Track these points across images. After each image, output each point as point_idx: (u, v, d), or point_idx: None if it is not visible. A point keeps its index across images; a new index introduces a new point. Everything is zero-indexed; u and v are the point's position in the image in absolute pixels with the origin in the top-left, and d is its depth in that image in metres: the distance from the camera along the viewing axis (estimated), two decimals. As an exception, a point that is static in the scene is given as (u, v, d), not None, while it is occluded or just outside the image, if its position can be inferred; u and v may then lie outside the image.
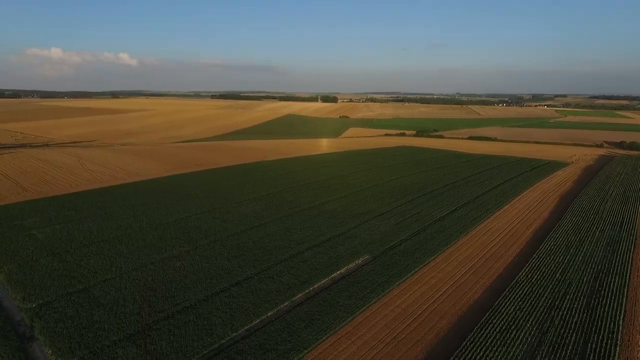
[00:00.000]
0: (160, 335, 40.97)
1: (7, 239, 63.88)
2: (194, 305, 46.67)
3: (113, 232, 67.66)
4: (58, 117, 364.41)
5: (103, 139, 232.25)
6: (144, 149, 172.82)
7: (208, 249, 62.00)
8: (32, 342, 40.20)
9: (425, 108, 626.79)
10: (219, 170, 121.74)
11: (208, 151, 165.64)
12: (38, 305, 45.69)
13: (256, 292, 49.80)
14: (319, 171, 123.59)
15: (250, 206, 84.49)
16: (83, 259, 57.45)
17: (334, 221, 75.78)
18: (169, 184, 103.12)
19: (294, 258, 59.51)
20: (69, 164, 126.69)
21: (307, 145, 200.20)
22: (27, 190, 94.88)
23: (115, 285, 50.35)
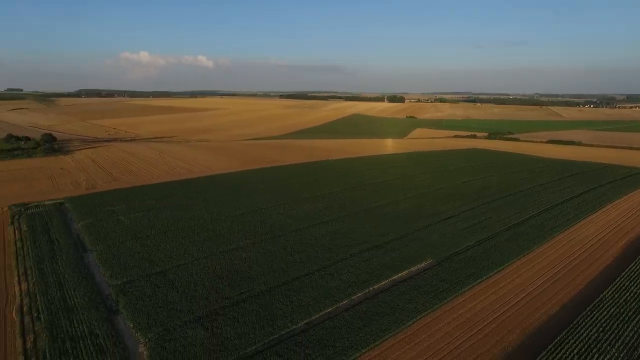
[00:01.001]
0: (226, 320, 43.31)
1: (100, 222, 71.70)
2: (257, 295, 48.66)
3: (187, 222, 72.81)
4: (144, 115, 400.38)
5: (182, 135, 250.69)
6: (217, 146, 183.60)
7: (272, 243, 64.20)
8: (117, 315, 44.78)
9: (499, 109, 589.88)
10: (284, 168, 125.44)
11: (275, 149, 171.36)
12: (123, 283, 50.72)
13: (316, 287, 50.58)
14: (383, 171, 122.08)
15: (314, 204, 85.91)
16: (161, 244, 62.63)
17: (397, 222, 74.39)
18: (238, 179, 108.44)
19: (355, 257, 59.44)
20: (151, 157, 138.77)
21: (372, 145, 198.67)
22: (116, 180, 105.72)
23: (188, 271, 54.18)
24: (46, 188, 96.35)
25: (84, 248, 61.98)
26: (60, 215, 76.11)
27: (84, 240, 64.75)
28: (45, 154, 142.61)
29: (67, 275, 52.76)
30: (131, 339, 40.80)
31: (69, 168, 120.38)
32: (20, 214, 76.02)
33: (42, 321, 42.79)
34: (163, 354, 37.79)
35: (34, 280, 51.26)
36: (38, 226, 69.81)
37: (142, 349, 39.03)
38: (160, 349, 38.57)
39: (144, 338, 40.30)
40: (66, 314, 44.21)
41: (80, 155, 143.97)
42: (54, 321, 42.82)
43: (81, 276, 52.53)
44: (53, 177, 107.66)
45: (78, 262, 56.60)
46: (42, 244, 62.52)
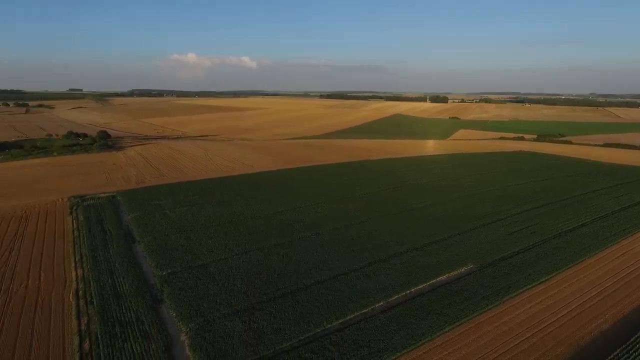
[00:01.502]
0: (263, 315, 44.25)
1: (148, 215, 75.56)
2: (293, 292, 49.29)
3: (228, 218, 75.05)
4: (190, 114, 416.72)
5: (225, 134, 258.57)
6: (258, 145, 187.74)
7: (309, 241, 64.76)
8: (161, 304, 47.03)
9: (549, 110, 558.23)
10: (324, 167, 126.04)
11: (315, 148, 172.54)
12: (167, 274, 53.18)
13: (352, 287, 50.45)
14: (425, 173, 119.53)
15: (353, 203, 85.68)
16: (203, 238, 65.00)
17: (438, 225, 72.58)
18: (278, 177, 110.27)
19: (393, 259, 58.67)
20: (197, 155, 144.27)
21: (413, 146, 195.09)
22: (163, 175, 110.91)
23: (228, 265, 55.86)
24: (101, 182, 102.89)
25: (133, 239, 65.60)
26: (113, 207, 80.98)
27: (133, 231, 68.52)
28: (100, 150, 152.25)
29: (118, 263, 56.09)
30: (174, 327, 42.70)
31: (121, 163, 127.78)
32: (78, 205, 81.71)
33: (94, 305, 45.80)
34: (203, 344, 39.24)
35: (88, 267, 54.95)
36: (93, 217, 74.71)
37: (183, 338, 40.75)
38: (201, 339, 40.08)
39: (185, 327, 42.06)
40: (116, 300, 47.02)
41: (132, 151, 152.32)
42: (105, 306, 45.70)
43: (130, 265, 55.66)
44: (107, 172, 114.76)
45: (127, 252, 60.01)
46: (96, 233, 66.87)
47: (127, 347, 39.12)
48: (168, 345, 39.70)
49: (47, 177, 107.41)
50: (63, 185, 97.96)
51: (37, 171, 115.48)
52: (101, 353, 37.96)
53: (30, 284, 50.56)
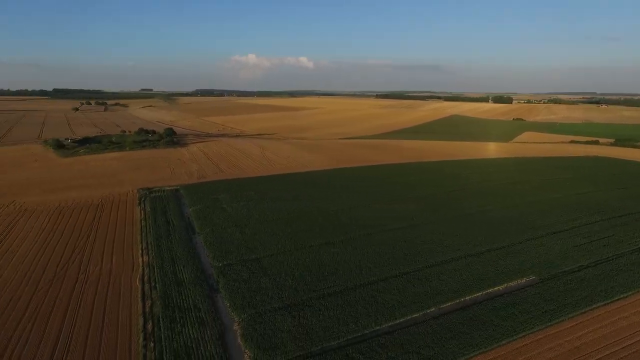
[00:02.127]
0: (312, 312, 44.83)
1: (207, 208, 79.60)
2: (343, 291, 49.39)
3: (282, 214, 76.85)
4: (248, 113, 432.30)
5: (281, 133, 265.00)
6: (313, 143, 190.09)
7: (361, 241, 64.46)
8: (217, 294, 49.37)
9: (630, 112, 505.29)
10: (378, 168, 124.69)
11: (369, 148, 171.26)
12: (223, 265, 55.69)
13: (403, 291, 49.48)
14: (484, 176, 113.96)
15: (407, 205, 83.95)
16: (257, 233, 67.19)
17: (496, 232, 68.93)
18: (332, 176, 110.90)
19: (447, 264, 56.67)
20: (253, 152, 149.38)
21: (472, 148, 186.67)
22: (222, 171, 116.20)
23: (280, 260, 57.26)
24: (166, 175, 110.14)
25: (193, 230, 69.48)
26: (176, 200, 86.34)
27: (193, 223, 72.58)
28: (167, 146, 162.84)
29: (179, 253, 59.75)
30: (227, 316, 44.64)
31: (184, 159, 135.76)
32: (146, 197, 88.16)
33: (157, 290, 49.19)
34: (253, 335, 40.62)
35: (153, 255, 59.13)
36: (158, 208, 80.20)
37: (236, 327, 42.47)
38: (252, 330, 41.53)
39: (238, 318, 43.81)
40: (176, 287, 50.13)
41: (194, 148, 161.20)
42: (166, 292, 48.91)
43: (189, 255, 59.04)
44: (171, 166, 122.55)
45: (188, 243, 63.70)
46: (160, 223, 71.72)
47: (184, 331, 41.58)
48: (222, 333, 41.59)
49: (120, 170, 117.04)
50: (134, 178, 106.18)
51: (112, 164, 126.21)
52: (162, 335, 40.70)
53: (103, 266, 55.48)
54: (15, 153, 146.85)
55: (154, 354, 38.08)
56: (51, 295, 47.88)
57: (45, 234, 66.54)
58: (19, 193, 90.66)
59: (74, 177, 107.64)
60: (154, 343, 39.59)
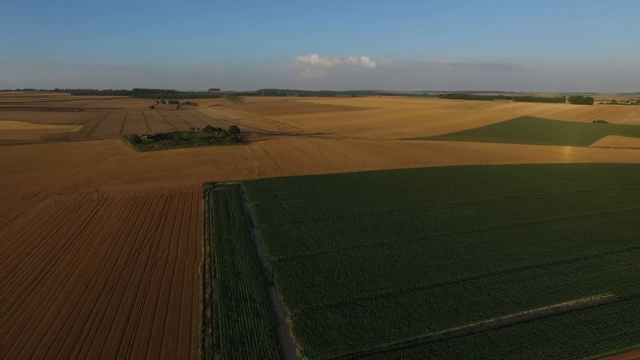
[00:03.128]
0: (363, 312, 44.63)
1: (266, 204, 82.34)
2: (396, 293, 48.56)
3: (337, 213, 77.27)
4: (308, 112, 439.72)
5: (339, 132, 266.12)
6: (371, 143, 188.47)
7: (416, 244, 62.88)
8: (271, 287, 50.96)
9: None
10: (438, 170, 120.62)
11: (429, 150, 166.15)
12: (278, 260, 57.32)
13: (459, 298, 47.51)
14: (554, 183, 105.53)
15: (465, 210, 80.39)
16: (312, 230, 68.21)
17: (566, 243, 63.60)
18: (389, 177, 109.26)
19: (509, 274, 53.41)
20: (312, 151, 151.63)
21: (542, 152, 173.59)
22: (281, 169, 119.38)
23: (333, 258, 57.66)
24: (229, 171, 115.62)
25: (252, 224, 72.26)
26: (237, 194, 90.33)
27: (252, 218, 75.48)
28: (231, 143, 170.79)
29: (238, 245, 62.51)
30: (281, 309, 45.93)
31: (247, 156, 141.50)
32: (210, 191, 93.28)
33: (217, 279, 51.91)
34: (305, 330, 41.39)
35: (214, 245, 62.47)
36: (221, 202, 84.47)
37: (288, 321, 43.56)
38: (303, 324, 42.33)
39: (290, 312, 44.88)
40: (234, 277, 52.53)
41: (256, 145, 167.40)
42: (225, 281, 51.44)
43: (247, 248, 61.53)
44: (234, 162, 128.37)
45: (246, 236, 66.40)
46: (222, 216, 75.51)
47: (240, 320, 43.48)
48: (274, 325, 42.89)
49: (188, 164, 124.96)
50: (200, 172, 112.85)
51: (182, 159, 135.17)
52: (219, 322, 42.92)
53: (170, 253, 59.73)
54: (100, 147, 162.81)
55: (212, 339, 40.31)
56: (125, 276, 52.56)
57: (122, 220, 73.09)
58: (102, 182, 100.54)
59: (148, 170, 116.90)
60: (212, 329, 41.91)
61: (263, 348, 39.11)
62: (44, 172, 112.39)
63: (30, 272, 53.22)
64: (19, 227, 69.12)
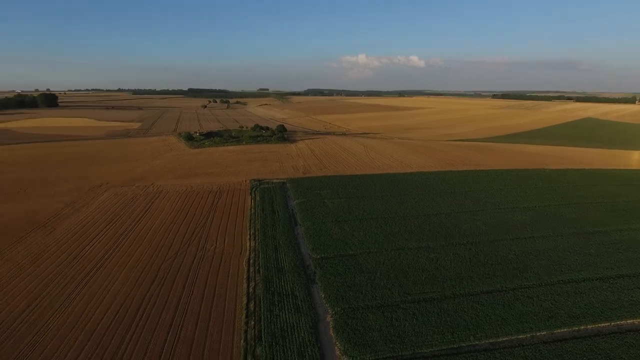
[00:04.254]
0: (405, 315, 43.77)
1: (310, 202, 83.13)
2: (440, 298, 47.15)
3: (381, 214, 76.35)
4: (354, 112, 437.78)
5: (386, 132, 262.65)
6: (418, 144, 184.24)
7: (463, 249, 60.68)
8: (313, 284, 51.40)
9: None
10: (487, 173, 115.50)
11: (479, 151, 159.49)
12: (320, 258, 57.68)
13: (508, 307, 45.21)
14: (620, 190, 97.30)
15: (517, 215, 76.31)
16: (355, 230, 67.91)
17: (633, 256, 58.47)
18: (436, 179, 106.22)
19: (565, 285, 50.06)
20: (357, 151, 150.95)
21: (607, 157, 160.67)
22: (326, 168, 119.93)
23: (376, 259, 57.05)
24: (275, 168, 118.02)
25: (295, 222, 73.26)
26: (282, 192, 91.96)
27: (296, 215, 76.50)
28: (277, 141, 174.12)
29: (281, 242, 63.64)
30: (321, 307, 46.19)
31: (292, 154, 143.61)
32: (256, 187, 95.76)
33: (260, 274, 53.20)
34: (345, 330, 41.32)
35: (259, 241, 64.07)
36: (266, 199, 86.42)
37: (329, 319, 43.71)
38: (344, 324, 42.28)
39: (331, 310, 45.00)
40: (277, 273, 53.55)
41: (302, 144, 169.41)
42: (268, 276, 52.58)
43: (290, 245, 62.46)
44: (280, 161, 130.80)
45: (290, 233, 67.43)
46: (267, 213, 77.22)
47: (282, 315, 44.26)
48: (315, 322, 43.22)
49: (237, 161, 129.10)
50: (247, 169, 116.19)
51: (230, 156, 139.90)
52: (262, 316, 43.97)
53: (217, 246, 62.06)
54: (156, 143, 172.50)
55: (254, 331, 41.39)
56: (175, 266, 55.34)
57: (174, 213, 76.98)
58: (157, 177, 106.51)
59: (199, 166, 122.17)
60: (255, 322, 43.03)
61: (303, 344, 39.54)
62: (107, 166, 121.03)
63: (92, 258, 57.55)
64: (84, 216, 74.97)
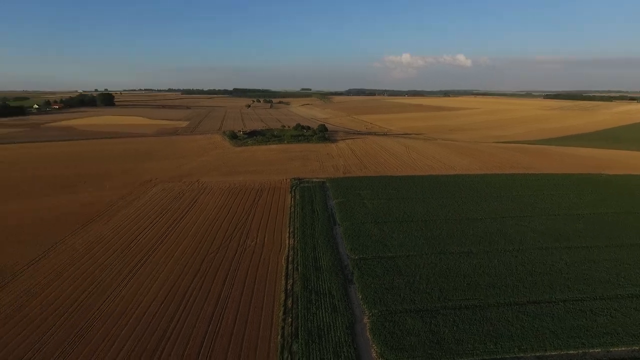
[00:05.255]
0: (445, 321, 42.44)
1: (349, 202, 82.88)
2: (482, 306, 45.32)
3: (422, 216, 74.61)
4: (397, 112, 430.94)
5: (429, 133, 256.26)
6: (462, 146, 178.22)
7: (508, 256, 57.94)
8: (350, 285, 51.17)
9: None
10: (537, 177, 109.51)
11: (530, 154, 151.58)
12: (358, 259, 57.31)
13: (558, 320, 42.59)
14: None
15: (570, 223, 71.72)
16: (395, 232, 66.83)
17: None
18: (480, 182, 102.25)
19: (624, 300, 46.42)
20: (398, 152, 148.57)
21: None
22: (366, 168, 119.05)
23: (416, 262, 55.82)
24: (315, 168, 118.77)
25: (334, 221, 73.29)
26: (322, 191, 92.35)
27: (335, 215, 76.53)
28: (318, 141, 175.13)
29: (320, 241, 63.91)
30: (359, 308, 45.86)
31: (333, 154, 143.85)
32: (297, 186, 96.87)
33: (299, 271, 53.73)
34: (382, 332, 40.76)
35: (297, 239, 64.72)
36: (306, 197, 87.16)
37: (365, 320, 43.31)
38: (381, 326, 41.72)
39: (369, 312, 44.56)
40: (315, 272, 53.83)
41: (342, 144, 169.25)
42: (306, 274, 52.99)
43: (329, 244, 62.56)
44: (321, 160, 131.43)
45: (328, 232, 67.56)
46: (307, 212, 77.85)
47: (319, 314, 44.43)
48: (352, 323, 42.98)
49: (278, 160, 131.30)
50: (288, 168, 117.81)
51: (272, 155, 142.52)
52: (299, 313, 44.37)
53: (257, 242, 63.42)
54: (202, 141, 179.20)
55: (291, 328, 41.86)
56: (217, 259, 57.17)
57: (217, 209, 79.58)
58: (202, 174, 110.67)
59: (242, 164, 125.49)
60: (292, 319, 43.51)
61: (339, 344, 39.45)
62: (156, 162, 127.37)
63: (141, 248, 60.77)
64: (135, 209, 79.34)
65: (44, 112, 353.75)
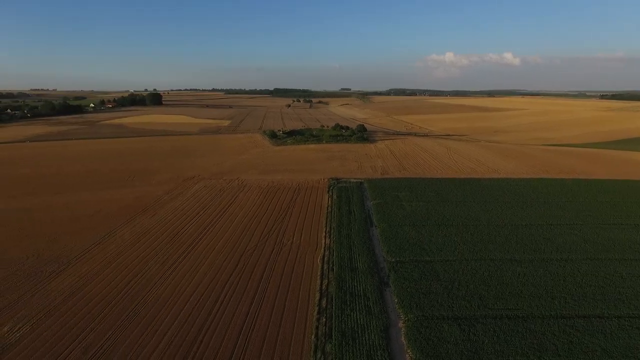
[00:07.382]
0: (485, 331, 40.79)
1: (387, 204, 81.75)
2: (526, 317, 43.13)
3: (462, 220, 72.23)
4: (438, 113, 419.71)
5: (472, 134, 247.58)
6: (507, 148, 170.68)
7: (556, 265, 54.78)
8: (386, 288, 50.45)
9: None
10: (590, 183, 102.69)
11: (581, 158, 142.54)
12: (395, 261, 56.37)
13: (611, 337, 39.71)
14: None
15: (627, 233, 66.70)
16: (434, 236, 65.14)
17: None
18: (527, 186, 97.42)
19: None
20: (439, 153, 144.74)
21: None
22: (405, 169, 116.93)
23: (455, 268, 54.10)
24: (353, 168, 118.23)
25: (371, 223, 72.57)
26: (359, 192, 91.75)
27: (372, 216, 75.78)
28: (357, 141, 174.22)
29: (356, 242, 63.51)
30: (394, 312, 45.10)
31: (371, 154, 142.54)
32: (334, 186, 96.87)
33: (334, 272, 53.67)
34: (418, 338, 39.83)
35: (334, 239, 64.69)
36: (343, 197, 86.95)
37: (401, 325, 42.52)
38: (417, 332, 40.79)
39: (404, 316, 43.71)
40: (350, 273, 53.55)
41: (381, 145, 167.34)
42: (341, 275, 52.83)
43: (365, 246, 62.02)
44: (359, 160, 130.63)
45: (365, 234, 66.99)
46: (343, 212, 77.64)
47: (353, 315, 44.15)
48: (386, 326, 42.34)
49: (316, 160, 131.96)
50: (326, 168, 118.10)
51: (310, 154, 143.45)
52: (333, 314, 44.32)
53: (294, 241, 64.04)
54: (243, 140, 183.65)
55: (325, 328, 41.89)
56: (254, 257, 58.32)
57: (256, 207, 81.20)
58: (242, 171, 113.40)
59: (281, 163, 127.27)
60: (326, 319, 43.52)
61: (373, 347, 38.99)
62: (199, 160, 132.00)
63: (184, 242, 63.20)
64: (178, 204, 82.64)
65: (99, 110, 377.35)
